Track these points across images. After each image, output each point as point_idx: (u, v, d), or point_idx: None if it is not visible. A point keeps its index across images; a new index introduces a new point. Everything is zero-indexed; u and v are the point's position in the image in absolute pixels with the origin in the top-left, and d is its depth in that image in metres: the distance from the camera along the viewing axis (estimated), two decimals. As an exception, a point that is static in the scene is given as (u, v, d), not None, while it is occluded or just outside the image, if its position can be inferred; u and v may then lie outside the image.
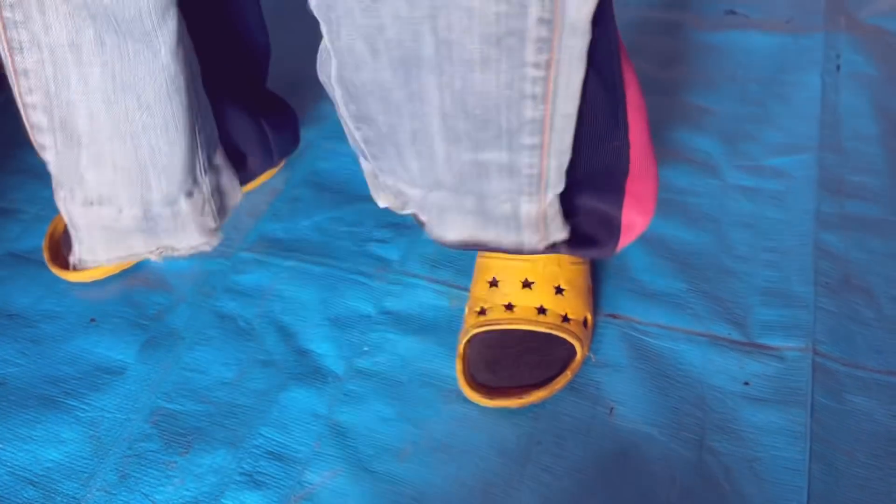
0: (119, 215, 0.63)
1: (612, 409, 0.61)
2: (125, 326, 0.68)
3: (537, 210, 0.54)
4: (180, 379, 0.65)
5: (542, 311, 0.61)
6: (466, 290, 0.70)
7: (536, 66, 0.46)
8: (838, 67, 0.89)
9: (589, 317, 0.63)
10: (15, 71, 0.54)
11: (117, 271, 0.72)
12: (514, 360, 0.60)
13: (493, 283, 0.62)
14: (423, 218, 0.59)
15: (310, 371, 0.65)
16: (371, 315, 0.69)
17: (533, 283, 0.61)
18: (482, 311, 0.62)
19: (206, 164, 0.64)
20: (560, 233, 0.56)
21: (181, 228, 0.65)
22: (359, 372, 0.65)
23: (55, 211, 0.77)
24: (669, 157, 0.80)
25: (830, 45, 0.92)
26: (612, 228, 0.59)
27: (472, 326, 0.62)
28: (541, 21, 0.44)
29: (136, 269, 0.73)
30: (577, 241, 0.58)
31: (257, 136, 0.73)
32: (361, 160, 0.60)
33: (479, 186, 0.53)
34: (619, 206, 0.58)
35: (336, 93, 0.53)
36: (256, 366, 0.65)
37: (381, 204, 0.62)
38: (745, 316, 0.67)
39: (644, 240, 0.73)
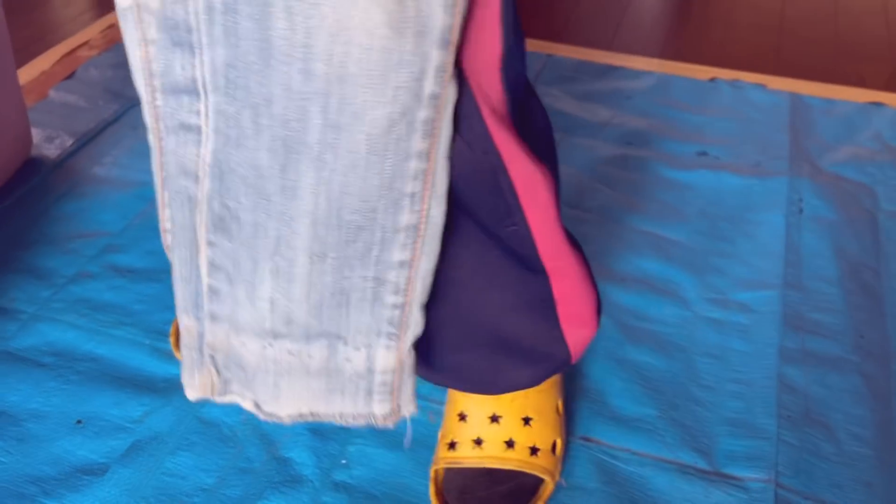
0: None
1: (580, 532, 0.62)
2: (110, 429, 0.70)
3: (394, 360, 0.51)
4: (160, 484, 0.66)
5: (510, 444, 0.62)
6: (444, 404, 0.72)
7: (419, 156, 0.45)
8: (801, 210, 0.95)
9: (559, 441, 0.65)
10: (162, 203, 0.66)
11: None
12: (485, 489, 0.62)
13: (462, 418, 0.64)
14: (247, 401, 0.54)
15: (287, 479, 0.66)
16: (350, 427, 0.71)
17: (500, 416, 0.63)
18: (452, 445, 0.63)
19: None
20: (410, 404, 0.53)
21: None
22: (335, 484, 0.66)
23: (53, 311, 0.80)
24: (642, 286, 0.85)
25: (794, 188, 0.99)
26: (556, 343, 0.59)
27: (442, 459, 0.64)
28: (431, 97, 0.43)
29: (127, 371, 0.75)
30: (527, 360, 0.59)
31: None
32: (185, 318, 0.52)
33: (335, 323, 0.49)
34: (555, 321, 0.58)
35: (203, 185, 0.47)
36: (236, 473, 0.67)
37: (194, 394, 0.54)
38: (711, 445, 0.70)
39: (618, 365, 0.77)
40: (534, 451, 0.63)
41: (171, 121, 0.46)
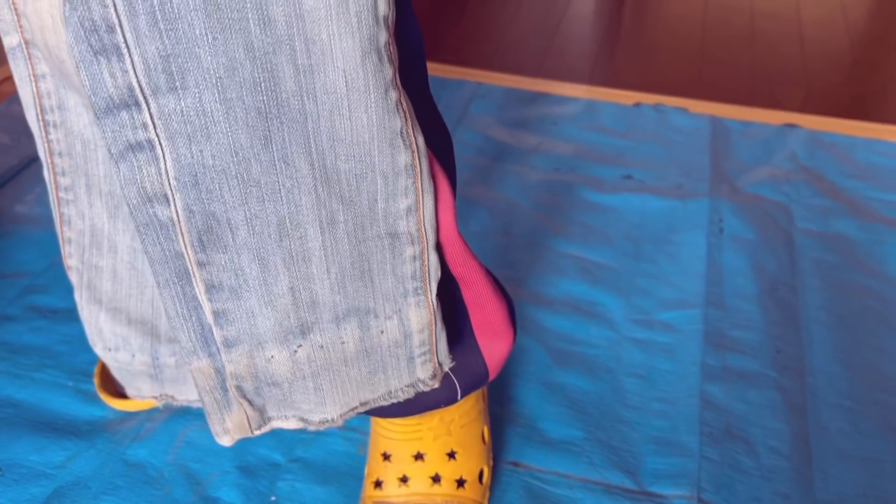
0: (132, 360, 0.68)
1: (509, 558, 0.63)
2: (31, 476, 0.68)
3: (427, 314, 0.50)
4: (82, 530, 0.64)
5: (436, 479, 0.62)
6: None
7: (394, 85, 0.42)
8: (721, 230, 0.99)
9: (486, 469, 0.66)
10: (63, 239, 0.63)
11: (158, 404, 0.73)
12: None
13: (386, 457, 0.63)
14: (290, 421, 0.51)
15: (216, 521, 0.65)
16: (281, 463, 0.70)
17: (424, 454, 0.62)
18: (378, 483, 0.63)
19: None
20: (447, 359, 0.53)
21: (182, 380, 0.69)
22: (265, 522, 0.66)
23: (-30, 355, 0.78)
24: (570, 309, 0.87)
25: (714, 209, 1.02)
26: (471, 354, 0.58)
27: (369, 497, 0.63)
28: (385, 18, 0.40)
29: (49, 415, 0.73)
30: (449, 380, 0.59)
31: None
32: (195, 360, 0.47)
33: (362, 295, 0.47)
34: (469, 329, 0.57)
35: (175, 203, 0.42)
36: (162, 516, 0.66)
37: (230, 439, 0.50)
38: (636, 464, 0.71)
39: (546, 388, 0.78)
40: (460, 483, 0.63)
41: (116, 145, 0.40)
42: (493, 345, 0.59)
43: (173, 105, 0.39)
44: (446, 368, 0.53)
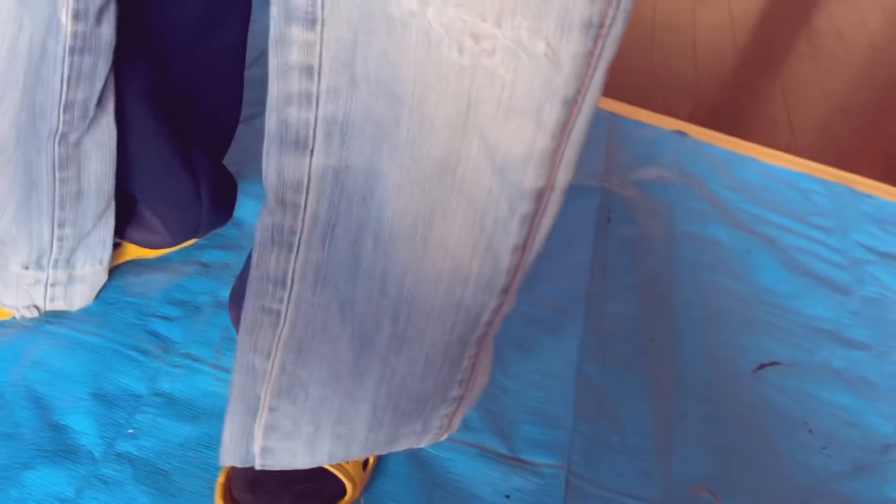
0: None
1: (380, 512, 0.61)
2: None
3: (445, 436, 0.58)
4: None
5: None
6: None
7: (469, 358, 0.50)
8: (609, 220, 1.02)
9: (371, 458, 0.63)
10: None
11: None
12: (278, 484, 0.58)
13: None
14: None
15: (62, 449, 0.59)
16: (142, 395, 0.65)
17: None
18: None
19: (57, 258, 0.65)
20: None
21: (4, 284, 0.65)
22: (119, 455, 0.60)
23: None
24: (460, 275, 0.86)
25: (604, 200, 1.05)
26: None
27: None
28: (485, 324, 0.48)
29: None
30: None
31: (193, 206, 0.71)
32: (230, 454, 0.55)
33: (387, 447, 0.56)
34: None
35: (275, 360, 0.50)
36: (-2, 439, 0.59)
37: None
38: (511, 431, 0.72)
39: (429, 350, 0.77)
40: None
41: (254, 303, 0.48)
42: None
43: (308, 298, 0.47)
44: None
